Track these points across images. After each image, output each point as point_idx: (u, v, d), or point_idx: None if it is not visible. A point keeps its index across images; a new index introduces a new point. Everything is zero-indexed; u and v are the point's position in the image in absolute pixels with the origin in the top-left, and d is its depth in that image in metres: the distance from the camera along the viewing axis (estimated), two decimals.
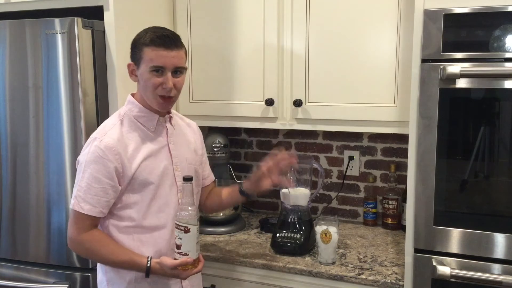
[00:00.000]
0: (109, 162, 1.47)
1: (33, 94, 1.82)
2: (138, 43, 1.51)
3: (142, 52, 1.49)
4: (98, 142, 1.48)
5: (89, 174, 1.47)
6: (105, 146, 1.48)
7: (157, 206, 1.57)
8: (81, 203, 1.48)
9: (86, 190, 1.48)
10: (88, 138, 1.54)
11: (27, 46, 1.80)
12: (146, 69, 1.49)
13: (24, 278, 1.92)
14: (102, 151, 1.47)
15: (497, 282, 1.51)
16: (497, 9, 1.48)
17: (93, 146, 1.48)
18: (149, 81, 1.49)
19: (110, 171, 1.47)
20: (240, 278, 1.93)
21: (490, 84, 1.49)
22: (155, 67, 1.48)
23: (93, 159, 1.47)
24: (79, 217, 1.49)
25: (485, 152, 1.54)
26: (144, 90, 1.53)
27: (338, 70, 1.98)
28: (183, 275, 1.54)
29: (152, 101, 1.53)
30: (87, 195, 1.48)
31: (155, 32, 1.49)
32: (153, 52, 1.47)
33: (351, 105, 1.98)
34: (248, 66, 2.10)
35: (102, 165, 1.47)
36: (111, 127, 1.53)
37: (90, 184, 1.47)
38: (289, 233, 1.95)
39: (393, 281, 1.71)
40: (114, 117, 1.58)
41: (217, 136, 2.31)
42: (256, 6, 2.06)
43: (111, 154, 1.47)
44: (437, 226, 1.59)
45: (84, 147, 1.54)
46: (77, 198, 1.49)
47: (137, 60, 1.51)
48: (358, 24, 1.93)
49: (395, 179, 2.26)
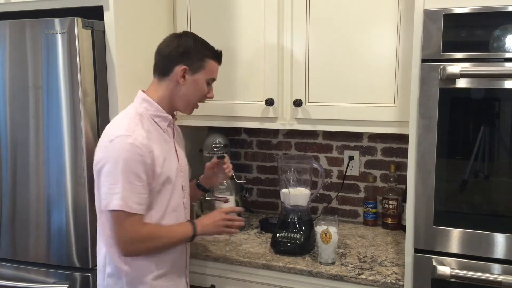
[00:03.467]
0: (146, 159, 1.48)
1: (33, 94, 1.82)
2: (200, 52, 1.60)
3: (205, 62, 1.61)
4: (132, 140, 1.47)
5: (130, 171, 1.45)
6: (141, 143, 1.48)
7: (172, 205, 1.61)
8: (129, 203, 1.46)
9: (130, 188, 1.46)
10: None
11: (27, 46, 1.80)
12: (203, 78, 1.62)
13: (24, 278, 1.91)
14: (139, 148, 1.47)
15: (497, 282, 1.51)
16: (497, 9, 1.48)
17: (127, 143, 1.46)
18: (202, 89, 1.64)
19: (147, 168, 1.49)
20: (240, 278, 1.93)
21: (490, 84, 1.49)
22: (212, 79, 1.67)
23: (131, 157, 1.46)
24: (129, 217, 1.47)
25: (485, 152, 1.54)
26: (189, 94, 1.61)
27: (338, 70, 1.98)
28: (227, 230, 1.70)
29: (187, 107, 1.65)
30: (132, 194, 1.46)
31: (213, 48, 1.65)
32: (215, 66, 1.65)
33: (351, 105, 1.98)
34: (248, 66, 2.10)
35: (141, 162, 1.47)
36: (134, 125, 1.52)
37: (133, 182, 1.46)
38: (289, 233, 1.95)
39: (393, 281, 1.71)
40: (131, 115, 1.57)
41: (217, 136, 2.31)
42: (256, 6, 2.06)
43: (146, 151, 1.48)
44: (437, 226, 1.59)
45: (104, 146, 1.50)
46: (123, 199, 1.45)
47: (195, 67, 1.60)
48: (358, 24, 1.93)
49: (395, 179, 2.26)
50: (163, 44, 1.64)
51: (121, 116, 1.60)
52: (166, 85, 1.61)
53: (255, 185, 2.57)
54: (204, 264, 1.97)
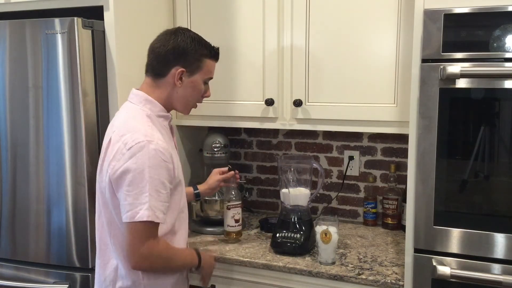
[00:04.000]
0: (170, 165, 1.44)
1: (33, 94, 1.82)
2: (197, 52, 1.53)
3: (202, 62, 1.55)
4: (154, 145, 1.40)
5: (157, 180, 1.39)
6: (164, 148, 1.42)
7: (182, 206, 1.59)
8: (157, 212, 1.39)
9: (157, 197, 1.39)
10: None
11: (27, 46, 1.80)
12: (201, 78, 1.57)
13: (24, 278, 1.92)
14: (163, 153, 1.41)
15: (497, 282, 1.51)
16: (497, 9, 1.48)
17: (151, 150, 1.39)
18: (200, 90, 1.59)
19: (171, 174, 1.45)
20: (240, 278, 1.93)
21: (490, 84, 1.49)
22: (210, 78, 1.62)
23: (158, 164, 1.40)
24: (151, 228, 1.41)
25: (485, 152, 1.54)
26: (187, 96, 1.57)
27: (338, 70, 1.98)
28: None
29: (185, 107, 1.61)
30: (158, 203, 1.40)
31: (210, 46, 1.59)
32: (212, 65, 1.60)
33: (351, 105, 1.98)
34: (248, 66, 2.10)
35: (166, 169, 1.42)
36: (151, 128, 1.46)
37: (159, 191, 1.40)
38: (289, 233, 1.95)
39: (393, 281, 1.71)
40: (141, 117, 1.50)
41: (217, 136, 2.31)
42: (256, 6, 2.05)
43: (169, 156, 1.44)
44: (437, 226, 1.59)
45: (122, 154, 1.40)
46: (151, 208, 1.37)
47: (192, 68, 1.54)
48: (358, 24, 1.93)
49: (395, 179, 2.26)
50: (157, 43, 1.54)
51: (128, 117, 1.51)
52: (162, 87, 1.54)
53: (255, 185, 2.57)
54: None
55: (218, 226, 2.18)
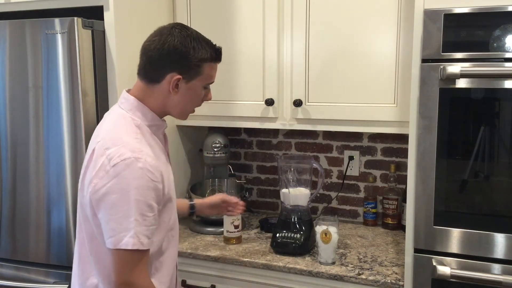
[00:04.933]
0: (159, 185, 1.27)
1: (33, 94, 1.82)
2: (196, 56, 1.34)
3: (202, 67, 1.36)
4: (142, 164, 1.23)
5: (143, 202, 1.23)
6: (153, 166, 1.25)
7: (171, 223, 1.43)
8: (142, 239, 1.23)
9: (142, 222, 1.23)
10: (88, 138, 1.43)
11: (27, 46, 1.80)
12: (200, 84, 1.39)
13: (24, 278, 1.91)
14: (152, 173, 1.25)
15: (497, 282, 1.51)
16: (497, 9, 1.48)
17: (138, 169, 1.23)
18: (199, 95, 1.41)
19: (159, 195, 1.28)
20: (240, 278, 1.93)
21: (490, 84, 1.49)
22: (211, 83, 1.43)
23: (145, 184, 1.23)
24: (139, 254, 1.25)
25: (485, 152, 1.54)
26: (184, 102, 1.39)
27: (338, 70, 1.98)
28: None
29: (182, 114, 1.43)
30: (143, 228, 1.24)
31: (211, 46, 1.39)
32: (213, 69, 1.40)
33: (351, 105, 1.98)
34: (248, 66, 2.10)
35: (154, 190, 1.26)
36: (139, 142, 1.29)
37: (145, 215, 1.24)
38: (289, 233, 1.95)
39: (393, 281, 1.71)
40: (129, 127, 1.33)
41: (217, 136, 2.31)
42: (256, 6, 2.05)
43: (159, 175, 1.27)
44: (437, 226, 1.59)
45: (106, 171, 1.24)
46: (137, 235, 1.22)
47: (190, 74, 1.35)
48: (358, 24, 1.93)
49: (395, 179, 2.26)
50: (151, 44, 1.35)
51: (115, 125, 1.34)
52: (156, 93, 1.36)
53: (255, 185, 2.57)
54: (204, 264, 1.97)
55: (218, 226, 2.17)
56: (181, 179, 2.37)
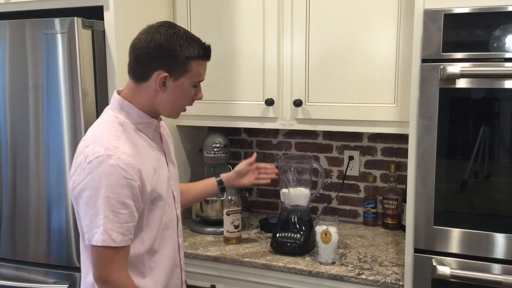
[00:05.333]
0: (134, 182, 1.27)
1: (33, 94, 1.82)
2: (183, 54, 1.33)
3: (189, 65, 1.34)
4: (114, 161, 1.24)
5: (114, 199, 1.24)
6: (125, 163, 1.26)
7: (165, 222, 1.43)
8: (113, 236, 1.25)
9: (114, 219, 1.25)
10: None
11: (27, 46, 1.80)
12: (188, 82, 1.37)
13: (24, 278, 1.92)
14: (125, 170, 1.25)
15: (497, 282, 1.51)
16: (497, 9, 1.48)
17: (109, 166, 1.24)
18: (188, 94, 1.39)
19: (135, 192, 1.28)
20: (240, 278, 1.93)
21: (490, 84, 1.49)
22: (200, 81, 1.41)
23: (116, 182, 1.24)
24: (113, 251, 1.26)
25: (485, 152, 1.54)
26: (173, 101, 1.38)
27: (338, 70, 1.98)
28: None
29: (171, 113, 1.42)
30: (115, 225, 1.25)
31: (199, 44, 1.37)
32: (201, 66, 1.38)
33: (351, 105, 1.98)
34: (248, 66, 2.10)
35: (127, 187, 1.25)
36: (117, 140, 1.30)
37: (117, 212, 1.25)
38: (289, 233, 1.95)
39: (393, 281, 1.71)
40: (111, 125, 1.35)
41: (217, 136, 2.31)
42: (256, 6, 2.05)
43: (134, 172, 1.27)
44: (437, 226, 1.59)
45: (82, 168, 1.27)
46: (107, 231, 1.24)
47: (178, 72, 1.34)
48: (358, 24, 1.93)
49: (395, 179, 2.26)
50: (138, 43, 1.35)
51: (99, 125, 1.37)
52: (144, 91, 1.36)
53: (255, 185, 2.57)
54: (204, 264, 1.97)
55: (218, 226, 2.18)
56: (181, 179, 2.34)
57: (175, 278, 1.51)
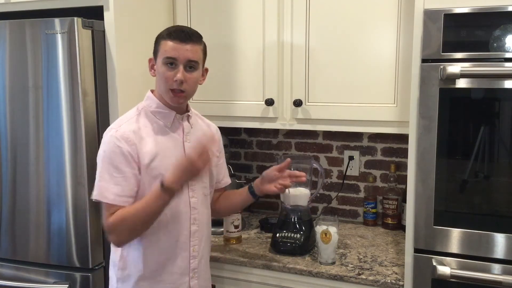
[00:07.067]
0: (126, 151, 1.49)
1: (33, 94, 1.82)
2: (157, 37, 1.56)
3: (159, 45, 1.54)
4: (113, 132, 1.51)
5: (108, 163, 1.49)
6: (121, 135, 1.50)
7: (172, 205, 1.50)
8: (105, 193, 1.49)
9: (108, 179, 1.49)
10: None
11: (27, 46, 1.80)
12: (160, 62, 1.53)
13: (24, 278, 1.91)
14: (118, 140, 1.49)
15: (497, 282, 1.51)
16: (497, 9, 1.48)
17: (109, 136, 1.51)
18: (163, 74, 1.53)
19: (128, 160, 1.49)
20: (240, 278, 1.93)
21: (490, 84, 1.49)
22: (168, 58, 1.51)
23: (110, 149, 1.49)
24: (108, 206, 1.50)
25: (485, 152, 1.54)
26: (159, 84, 1.56)
27: (338, 70, 1.98)
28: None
29: (165, 96, 1.56)
30: (109, 185, 1.49)
31: (174, 27, 1.57)
32: (167, 44, 1.51)
33: (351, 105, 1.98)
34: (248, 66, 2.10)
35: (120, 154, 1.48)
36: (128, 119, 1.56)
37: (111, 174, 1.49)
38: (289, 233, 1.95)
39: (393, 281, 1.71)
40: (132, 110, 1.60)
41: None
42: (256, 6, 2.05)
43: (127, 144, 1.49)
44: (437, 226, 1.59)
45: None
46: (100, 188, 1.50)
47: (155, 54, 1.56)
48: (358, 24, 1.93)
49: (395, 179, 2.26)
50: None
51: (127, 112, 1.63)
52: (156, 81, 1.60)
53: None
54: None
55: (218, 226, 2.17)
56: None
57: (179, 260, 1.60)
